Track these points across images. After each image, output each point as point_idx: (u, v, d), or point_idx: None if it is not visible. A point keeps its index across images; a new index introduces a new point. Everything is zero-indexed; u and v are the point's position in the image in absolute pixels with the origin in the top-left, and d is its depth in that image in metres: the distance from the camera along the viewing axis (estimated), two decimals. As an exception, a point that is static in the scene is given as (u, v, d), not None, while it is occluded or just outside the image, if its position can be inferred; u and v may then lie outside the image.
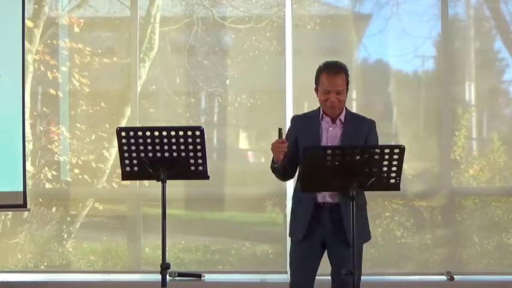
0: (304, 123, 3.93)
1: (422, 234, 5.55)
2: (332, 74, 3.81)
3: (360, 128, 3.85)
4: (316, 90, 3.88)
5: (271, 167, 3.89)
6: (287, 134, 3.96)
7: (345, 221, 3.71)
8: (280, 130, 3.75)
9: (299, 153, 3.80)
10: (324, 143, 3.82)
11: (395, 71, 5.75)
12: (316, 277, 3.89)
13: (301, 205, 3.87)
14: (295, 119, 4.02)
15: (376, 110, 5.69)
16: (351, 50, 5.73)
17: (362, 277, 3.82)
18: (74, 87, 5.74)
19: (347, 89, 3.86)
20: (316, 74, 3.88)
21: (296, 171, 3.93)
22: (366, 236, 3.90)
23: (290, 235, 3.97)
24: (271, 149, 3.77)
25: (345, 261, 3.66)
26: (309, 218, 3.79)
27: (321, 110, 3.89)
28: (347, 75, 3.86)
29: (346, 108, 3.92)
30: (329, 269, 3.90)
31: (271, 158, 3.86)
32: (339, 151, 3.44)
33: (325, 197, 3.79)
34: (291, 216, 3.99)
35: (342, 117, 3.87)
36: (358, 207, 3.63)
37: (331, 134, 3.84)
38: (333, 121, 3.86)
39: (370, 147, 3.58)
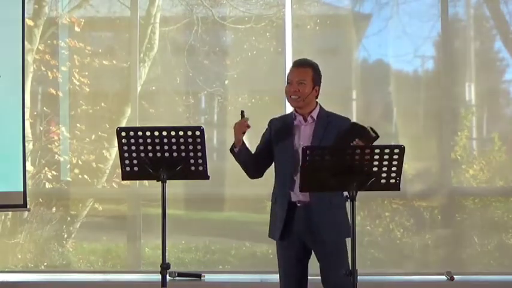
0: (279, 124, 3.93)
1: (422, 234, 5.55)
2: (296, 66, 3.87)
3: (332, 125, 3.81)
4: None
5: (230, 149, 3.89)
6: (262, 134, 3.99)
7: (316, 220, 3.73)
8: (242, 112, 3.80)
9: (272, 153, 3.86)
10: (296, 141, 3.82)
11: (395, 71, 5.74)
12: (311, 277, 3.89)
13: (277, 204, 3.87)
14: (272, 122, 4.01)
15: (376, 110, 5.69)
16: (351, 50, 5.73)
17: (362, 277, 3.80)
18: (74, 87, 5.74)
19: (315, 87, 3.83)
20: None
21: (263, 170, 3.94)
22: (346, 233, 3.77)
23: (269, 236, 3.95)
24: (233, 128, 3.81)
25: (324, 260, 3.74)
26: (284, 217, 3.79)
27: (295, 110, 3.89)
28: (315, 72, 3.85)
29: (321, 106, 3.90)
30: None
31: (232, 143, 3.86)
32: (339, 151, 3.44)
33: (298, 195, 3.77)
34: (270, 216, 3.97)
35: (314, 114, 3.85)
36: (335, 206, 3.69)
37: (303, 132, 3.83)
38: (305, 119, 3.85)
39: (370, 147, 3.57)
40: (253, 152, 3.92)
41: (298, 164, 3.56)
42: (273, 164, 3.94)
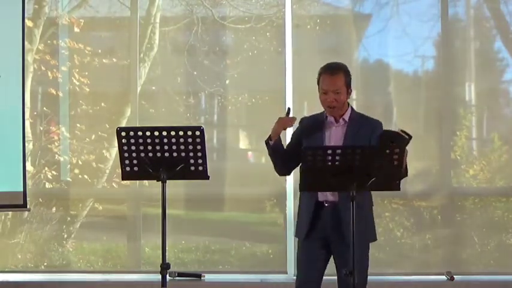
0: (310, 124, 3.95)
1: (422, 234, 5.55)
2: (329, 73, 3.83)
3: (364, 127, 3.84)
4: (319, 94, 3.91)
5: (265, 141, 3.87)
6: (293, 133, 4.01)
7: (343, 220, 3.72)
8: (288, 109, 3.83)
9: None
10: (327, 142, 3.83)
11: (395, 71, 5.75)
12: (326, 277, 3.89)
13: (303, 204, 3.89)
14: (302, 120, 4.03)
15: (376, 110, 5.69)
16: (351, 50, 5.73)
17: (362, 277, 3.81)
18: (74, 87, 5.74)
19: (348, 90, 3.86)
20: (318, 76, 3.90)
21: (292, 168, 3.96)
22: (370, 236, 3.89)
23: (295, 235, 4.00)
24: (278, 121, 3.80)
25: (346, 262, 3.66)
26: (311, 217, 3.81)
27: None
28: (346, 76, 3.86)
29: (352, 108, 3.93)
30: (327, 270, 3.89)
31: (268, 135, 3.86)
32: (339, 151, 3.44)
33: (326, 195, 3.79)
34: (297, 216, 4.00)
35: (346, 116, 3.87)
36: (359, 207, 3.62)
37: (334, 133, 3.85)
38: (337, 120, 3.87)
39: (370, 147, 3.58)
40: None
41: None
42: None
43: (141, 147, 3.71)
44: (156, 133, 3.69)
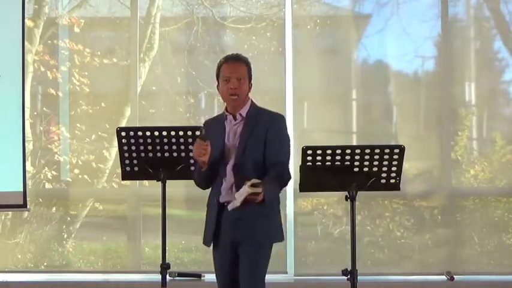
0: (213, 126, 3.68)
1: (422, 234, 5.55)
2: (231, 61, 3.65)
3: (261, 122, 3.60)
4: (219, 88, 3.67)
5: (196, 171, 3.64)
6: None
7: (242, 219, 3.49)
8: (201, 129, 3.56)
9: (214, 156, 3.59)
10: (226, 141, 3.59)
11: (395, 71, 5.75)
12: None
13: (209, 209, 3.65)
14: (205, 124, 3.76)
15: (376, 110, 5.69)
16: (351, 50, 5.73)
17: (362, 277, 3.78)
18: (74, 87, 5.74)
19: (250, 83, 3.68)
20: (217, 70, 3.68)
21: (215, 176, 3.62)
22: (276, 235, 3.61)
23: (203, 243, 3.70)
24: (194, 153, 3.52)
25: (244, 262, 3.52)
26: (215, 221, 3.57)
27: (225, 109, 3.68)
28: (249, 68, 3.68)
29: (252, 102, 3.69)
30: (327, 270, 3.88)
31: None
32: (338, 151, 3.44)
33: (225, 196, 3.54)
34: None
35: (244, 112, 3.62)
36: (262, 206, 3.43)
37: (233, 132, 3.61)
38: (235, 117, 3.62)
39: (370, 147, 3.58)
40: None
41: (227, 165, 3.48)
42: None
43: (141, 147, 3.72)
44: (156, 133, 3.69)
